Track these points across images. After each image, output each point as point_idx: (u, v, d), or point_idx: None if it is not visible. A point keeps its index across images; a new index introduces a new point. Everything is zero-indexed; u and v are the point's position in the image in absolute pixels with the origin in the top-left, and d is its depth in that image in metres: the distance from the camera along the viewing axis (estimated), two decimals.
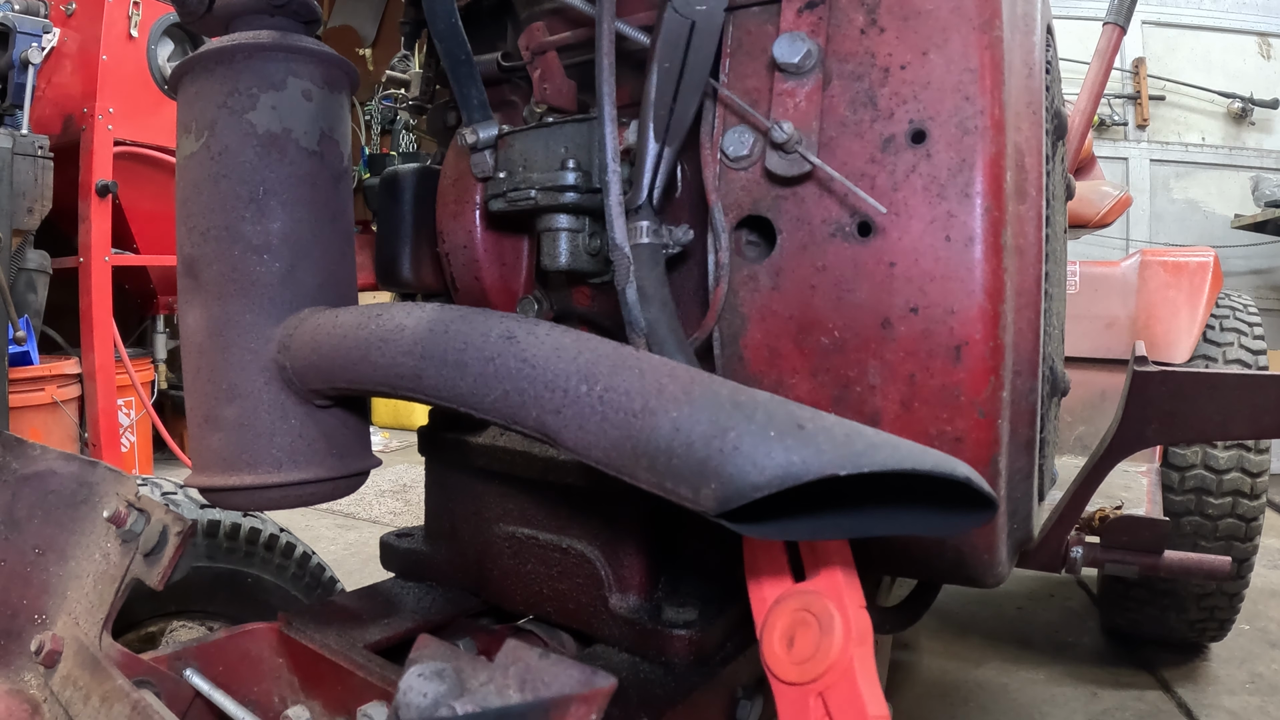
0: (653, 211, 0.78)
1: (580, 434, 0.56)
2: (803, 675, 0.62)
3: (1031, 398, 0.79)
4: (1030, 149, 0.78)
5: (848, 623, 0.61)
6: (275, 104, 0.83)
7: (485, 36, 1.07)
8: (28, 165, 3.21)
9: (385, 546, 1.17)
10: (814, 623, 0.63)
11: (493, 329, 0.63)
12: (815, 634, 0.62)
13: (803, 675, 0.62)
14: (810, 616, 0.64)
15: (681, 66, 0.73)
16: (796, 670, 0.62)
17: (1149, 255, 2.43)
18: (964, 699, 2.25)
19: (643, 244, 0.77)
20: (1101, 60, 2.24)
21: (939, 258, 0.69)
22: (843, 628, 0.61)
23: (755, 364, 0.78)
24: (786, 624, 0.65)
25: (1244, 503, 2.08)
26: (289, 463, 0.84)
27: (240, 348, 0.82)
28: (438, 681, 0.46)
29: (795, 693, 0.62)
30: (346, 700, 0.87)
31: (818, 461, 0.46)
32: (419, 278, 1.10)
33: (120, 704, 0.74)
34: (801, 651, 0.63)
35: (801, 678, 0.62)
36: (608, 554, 0.94)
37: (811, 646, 0.62)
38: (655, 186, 0.78)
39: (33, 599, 0.89)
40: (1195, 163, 6.00)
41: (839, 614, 0.62)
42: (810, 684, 0.61)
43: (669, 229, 0.80)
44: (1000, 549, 0.80)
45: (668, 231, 0.80)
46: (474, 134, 0.92)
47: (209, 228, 0.83)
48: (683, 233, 0.81)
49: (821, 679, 0.61)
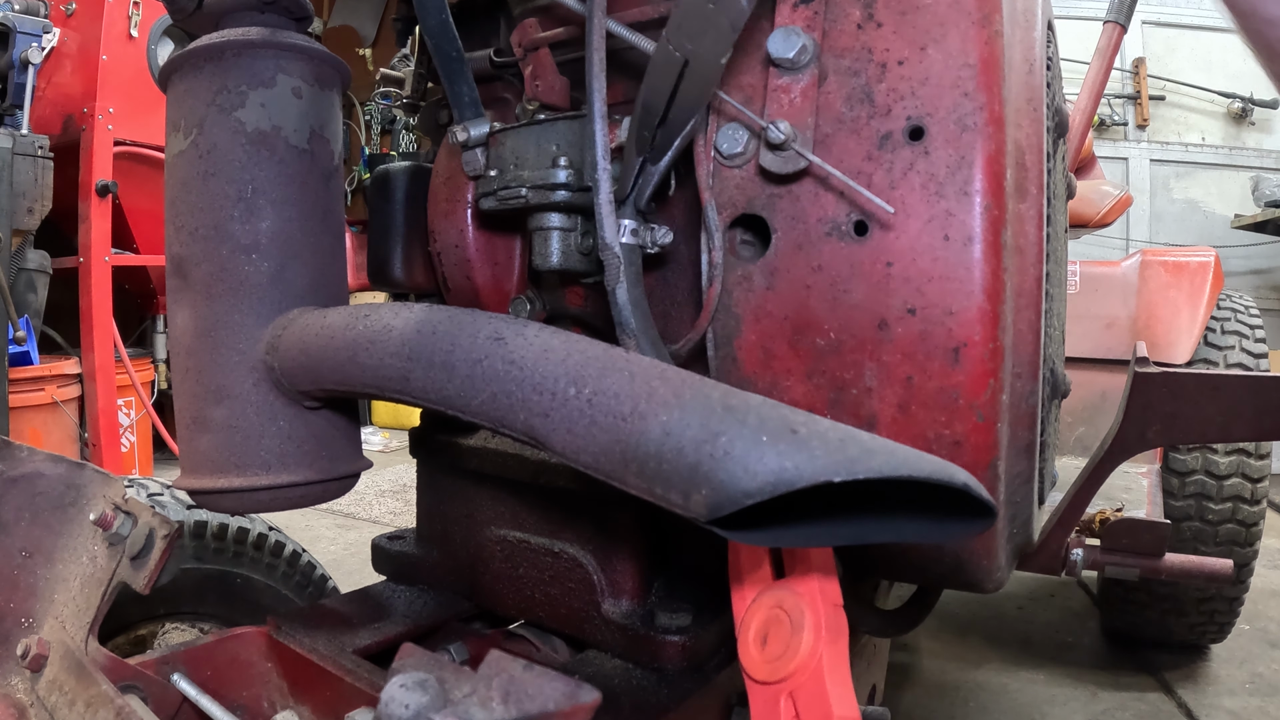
0: (635, 211, 0.77)
1: (569, 438, 0.55)
2: (773, 674, 0.60)
3: (1032, 400, 0.78)
4: (1031, 146, 0.77)
5: (819, 621, 0.59)
6: (265, 101, 0.82)
7: (477, 33, 1.05)
8: (28, 165, 3.20)
9: (377, 549, 1.16)
10: (787, 621, 0.62)
11: (481, 330, 0.62)
12: (787, 632, 0.61)
13: (773, 674, 0.60)
14: (784, 614, 0.62)
15: (671, 95, 0.70)
16: (768, 669, 0.61)
17: (1149, 255, 2.42)
18: (964, 699, 2.24)
19: (622, 244, 0.76)
20: (1102, 59, 2.23)
21: (937, 257, 0.68)
22: (813, 626, 0.59)
23: (749, 366, 0.76)
24: (761, 622, 0.63)
25: (1244, 508, 2.07)
26: (278, 465, 0.83)
27: (229, 348, 0.81)
28: (420, 692, 0.44)
29: (767, 692, 0.61)
30: (335, 705, 0.86)
31: (811, 467, 0.45)
32: (411, 277, 1.09)
33: (105, 709, 0.73)
34: (773, 650, 0.61)
35: (772, 676, 0.60)
36: (600, 558, 0.93)
37: (783, 645, 0.60)
38: (641, 194, 0.77)
39: (19, 602, 0.88)
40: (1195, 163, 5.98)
41: (810, 612, 0.60)
42: (780, 683, 0.60)
43: (650, 229, 0.79)
44: (1000, 554, 0.79)
45: (648, 232, 0.79)
46: (465, 131, 0.91)
47: (197, 227, 0.82)
48: (662, 234, 0.80)
49: (791, 678, 0.59)
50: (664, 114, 0.71)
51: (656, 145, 0.74)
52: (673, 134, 0.73)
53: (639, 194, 0.76)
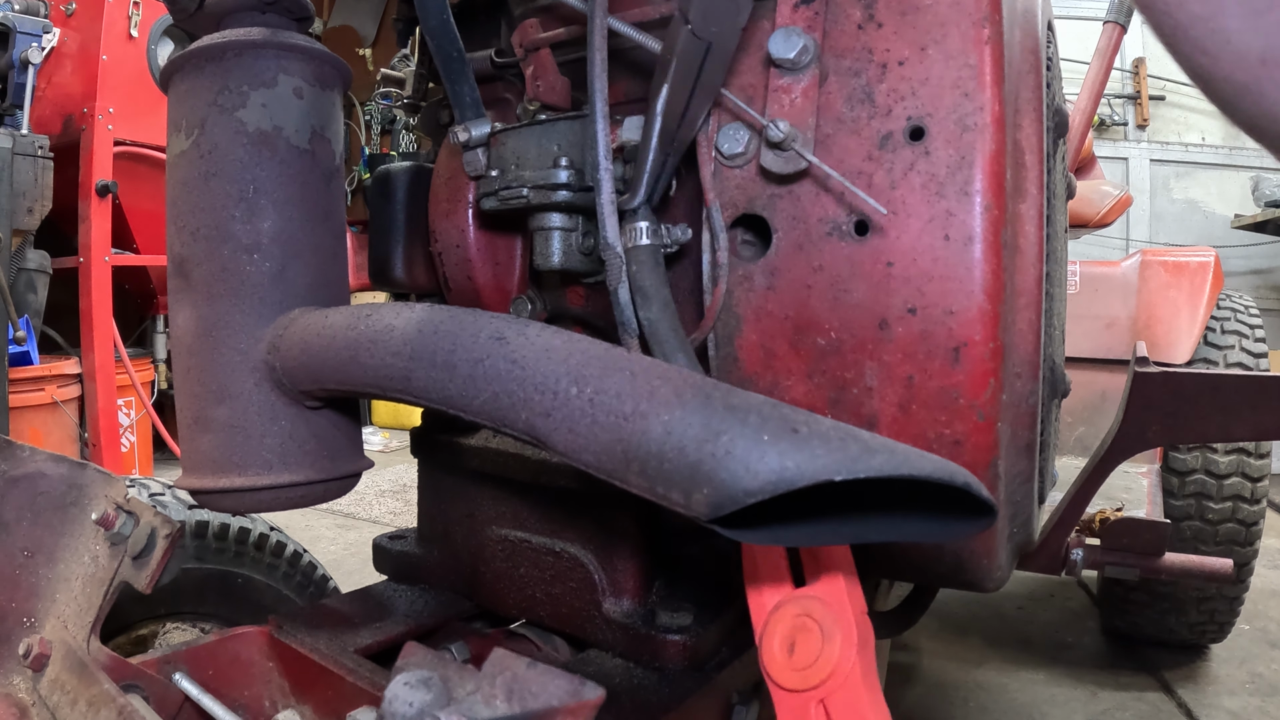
0: (650, 212, 0.77)
1: (570, 437, 0.55)
2: (804, 682, 0.61)
3: (1032, 400, 0.78)
4: (1031, 146, 0.77)
5: (850, 629, 0.60)
6: (266, 102, 0.82)
7: (478, 33, 1.06)
8: (28, 165, 3.20)
9: (378, 549, 1.16)
10: (816, 629, 0.62)
11: (482, 330, 0.62)
12: (817, 640, 0.61)
13: (804, 682, 0.61)
14: (812, 622, 0.63)
15: (694, 84, 0.72)
16: (797, 677, 0.61)
17: (1149, 255, 2.42)
18: (964, 699, 2.24)
19: (643, 245, 0.76)
20: (1102, 59, 2.23)
21: (937, 257, 0.68)
22: (845, 635, 0.60)
23: (750, 365, 0.77)
24: (787, 630, 0.64)
25: (1244, 507, 2.07)
26: (279, 464, 0.83)
27: (230, 348, 0.81)
28: (424, 690, 0.45)
29: (796, 699, 0.61)
30: (337, 705, 0.86)
31: (812, 466, 0.45)
32: (412, 277, 1.09)
33: (107, 709, 0.73)
34: (803, 658, 0.62)
35: (803, 684, 0.61)
36: (601, 558, 0.93)
37: (813, 653, 0.61)
38: (655, 191, 0.77)
39: (21, 602, 0.88)
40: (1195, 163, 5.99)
41: (842, 621, 0.61)
42: (811, 691, 0.60)
43: (667, 228, 0.79)
44: (1000, 553, 0.79)
45: (666, 231, 0.79)
46: (466, 131, 0.91)
47: (199, 227, 0.82)
48: (681, 231, 0.80)
49: (823, 686, 0.60)
50: (686, 106, 0.72)
51: (677, 139, 0.74)
52: (687, 131, 0.74)
53: (656, 192, 0.77)
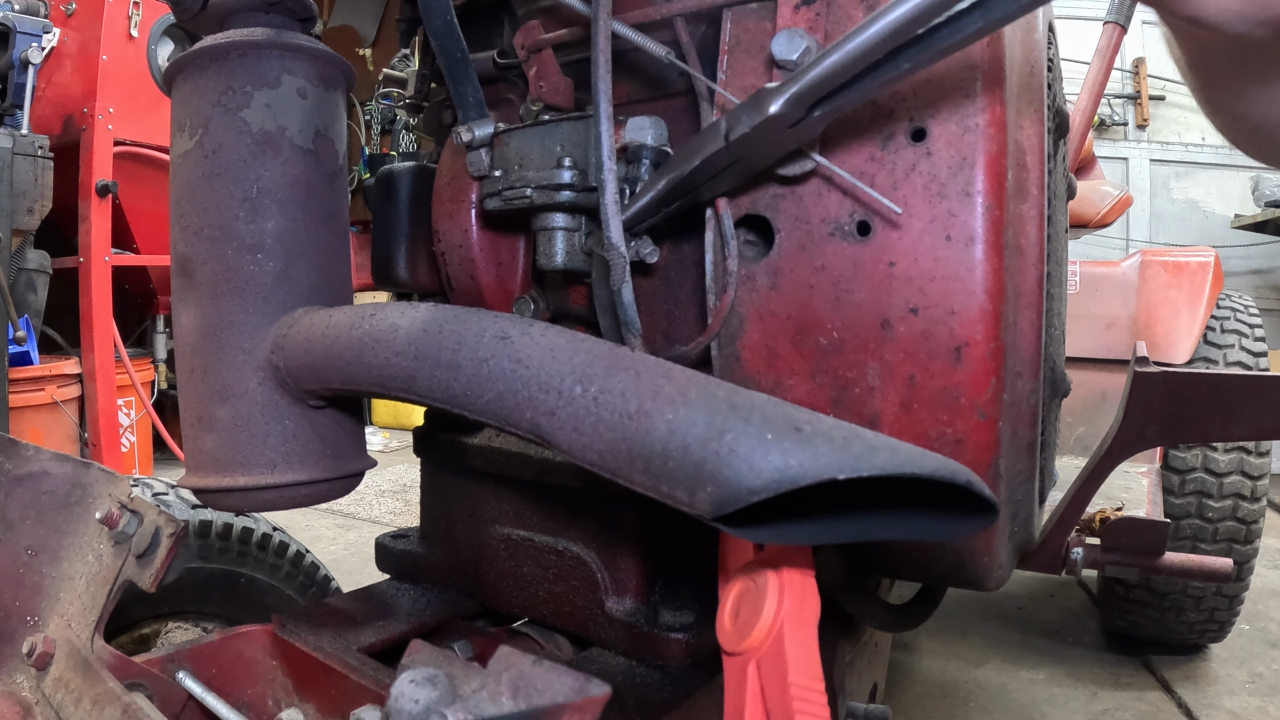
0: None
1: (575, 436, 0.55)
2: (739, 644, 0.60)
3: (1033, 399, 0.78)
4: (1032, 147, 0.78)
5: (780, 586, 0.59)
6: (270, 102, 0.82)
7: (482, 34, 1.06)
8: (28, 165, 3.20)
9: (380, 548, 1.17)
10: (754, 589, 0.61)
11: (486, 329, 0.62)
12: (755, 601, 0.60)
13: (739, 644, 0.60)
14: (752, 584, 0.62)
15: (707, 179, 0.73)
16: (736, 639, 0.60)
17: (1149, 255, 2.42)
18: (964, 699, 2.24)
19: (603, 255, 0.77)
20: (1102, 59, 2.24)
21: (939, 257, 0.69)
22: (775, 590, 0.59)
23: (752, 365, 0.77)
24: (735, 595, 0.63)
25: (1244, 506, 2.08)
26: (283, 464, 0.83)
27: (234, 348, 0.82)
28: (430, 688, 0.45)
29: (736, 663, 0.60)
30: (340, 703, 0.86)
31: (815, 465, 0.46)
32: (415, 277, 1.09)
33: (111, 707, 0.73)
34: (743, 621, 0.61)
35: (740, 646, 0.60)
36: (604, 556, 0.93)
37: (751, 614, 0.60)
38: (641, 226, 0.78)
39: (25, 600, 0.88)
40: (1195, 163, 5.99)
41: (773, 579, 0.59)
42: (748, 652, 0.59)
43: (636, 243, 0.79)
44: (1001, 552, 0.79)
45: (634, 245, 0.79)
46: (469, 132, 0.91)
47: (202, 227, 0.82)
48: (649, 249, 0.80)
49: (757, 646, 0.58)
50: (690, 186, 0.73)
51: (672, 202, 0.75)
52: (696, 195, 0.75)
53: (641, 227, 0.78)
